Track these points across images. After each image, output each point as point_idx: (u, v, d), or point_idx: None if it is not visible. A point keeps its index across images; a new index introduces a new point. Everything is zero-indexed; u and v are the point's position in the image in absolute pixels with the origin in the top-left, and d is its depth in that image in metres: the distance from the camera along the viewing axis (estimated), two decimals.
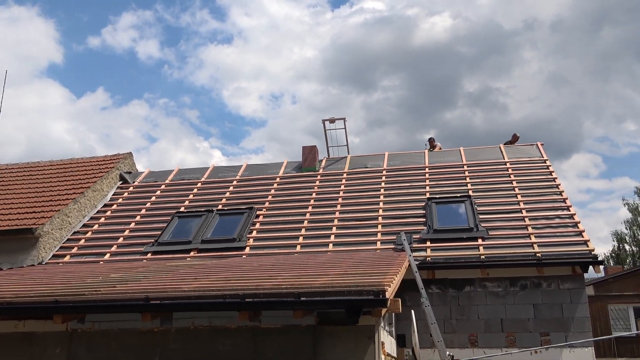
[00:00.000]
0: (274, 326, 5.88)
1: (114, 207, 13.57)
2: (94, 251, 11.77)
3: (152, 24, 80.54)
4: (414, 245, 10.12)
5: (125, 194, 14.16)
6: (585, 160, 67.60)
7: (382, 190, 12.62)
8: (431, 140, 16.14)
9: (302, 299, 5.28)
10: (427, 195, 11.97)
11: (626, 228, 37.83)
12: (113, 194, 14.23)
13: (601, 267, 9.65)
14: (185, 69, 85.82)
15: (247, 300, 5.35)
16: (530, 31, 67.44)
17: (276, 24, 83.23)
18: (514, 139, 15.02)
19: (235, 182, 14.07)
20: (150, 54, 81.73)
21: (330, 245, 10.78)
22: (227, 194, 13.48)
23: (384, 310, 5.52)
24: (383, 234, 10.85)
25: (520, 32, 67.45)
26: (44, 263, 11.40)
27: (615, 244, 37.79)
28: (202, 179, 14.46)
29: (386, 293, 5.18)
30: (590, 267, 9.54)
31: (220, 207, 12.84)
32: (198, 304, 5.49)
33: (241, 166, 14.98)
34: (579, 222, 10.21)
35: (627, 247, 37.46)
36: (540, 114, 64.88)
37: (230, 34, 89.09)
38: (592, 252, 9.31)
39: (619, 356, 20.70)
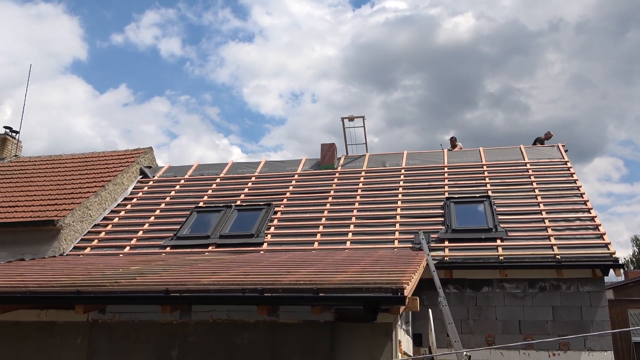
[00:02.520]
0: (292, 321, 5.91)
1: (134, 200, 13.72)
2: (114, 244, 11.92)
3: (174, 22, 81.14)
4: (431, 245, 10.09)
5: (145, 188, 14.31)
6: (606, 164, 66.78)
7: (400, 189, 12.59)
8: (452, 140, 16.01)
9: (320, 294, 5.29)
10: (446, 194, 11.92)
11: None
12: (133, 188, 14.38)
13: (621, 270, 9.50)
14: (207, 67, 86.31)
15: (265, 294, 5.38)
16: (555, 32, 66.52)
17: (297, 22, 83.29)
18: (547, 136, 14.77)
19: (253, 179, 14.13)
20: (172, 51, 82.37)
21: (348, 242, 10.79)
22: (246, 190, 13.55)
23: (402, 308, 5.51)
24: (401, 232, 10.83)
25: (545, 33, 66.58)
26: (65, 254, 11.58)
27: (636, 249, 37.19)
28: (221, 175, 14.55)
29: (405, 291, 5.17)
30: (611, 271, 9.44)
31: (238, 202, 12.92)
32: (217, 297, 5.53)
33: (260, 162, 15.04)
34: (600, 225, 10.09)
35: None
36: (563, 115, 64.14)
37: (252, 32, 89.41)
38: (613, 255, 9.20)
39: None
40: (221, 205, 12.81)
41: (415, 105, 72.34)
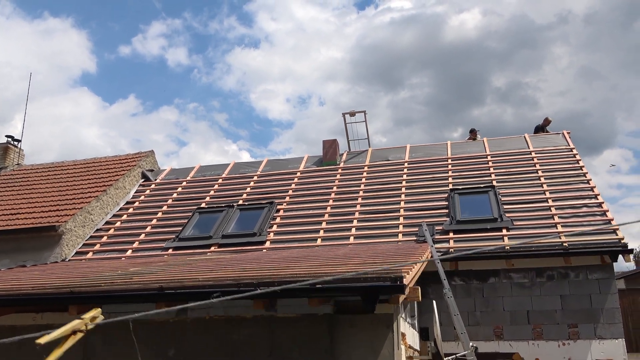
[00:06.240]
0: (290, 315, 5.75)
1: (136, 204, 13.64)
2: (116, 248, 11.83)
3: (180, 32, 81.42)
4: (436, 237, 9.92)
5: (147, 191, 14.23)
6: (616, 156, 65.90)
7: (404, 182, 12.42)
8: (473, 132, 15.46)
9: (317, 286, 5.14)
10: (450, 186, 11.74)
11: None
12: (135, 192, 14.30)
13: (632, 259, 9.26)
14: (214, 74, 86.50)
15: (261, 288, 5.23)
16: (563, 24, 65.84)
17: (302, 26, 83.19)
18: (546, 123, 14.53)
19: (255, 178, 14.02)
20: (179, 61, 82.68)
21: (352, 238, 10.64)
22: (248, 189, 13.43)
23: (402, 297, 5.34)
24: (405, 226, 10.66)
25: (553, 26, 65.96)
26: (67, 260, 11.49)
27: None
28: (223, 175, 14.44)
29: (404, 279, 5.01)
30: (621, 258, 9.21)
31: (240, 202, 12.80)
32: (212, 292, 5.38)
33: (262, 162, 14.92)
34: (608, 211, 9.87)
35: None
36: (572, 108, 63.42)
37: (257, 38, 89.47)
38: (622, 241, 8.97)
39: None
40: (223, 205, 12.70)
41: (422, 103, 72.11)
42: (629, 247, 8.81)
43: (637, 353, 18.89)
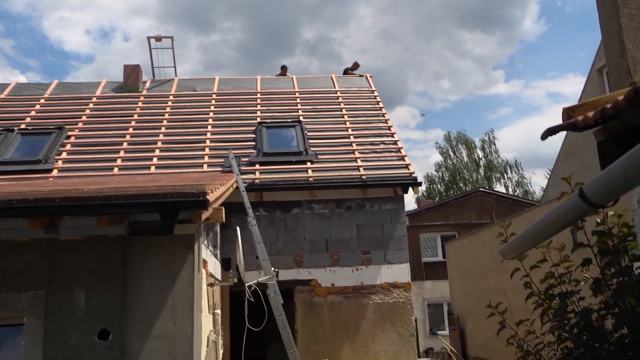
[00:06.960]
0: (75, 238, 5.08)
1: None
2: None
3: None
4: (243, 168, 9.75)
5: None
6: (405, 113, 72.17)
7: (211, 114, 11.94)
8: (284, 68, 15.20)
9: (109, 202, 4.58)
10: (258, 120, 11.58)
11: (435, 170, 41.71)
12: None
13: (419, 189, 10.06)
14: None
15: (40, 205, 4.50)
16: None
17: None
18: (355, 67, 15.01)
19: (42, 101, 12.35)
20: None
21: (153, 168, 9.97)
22: (33, 113, 11.79)
23: (205, 214, 5.03)
24: (211, 157, 10.29)
25: None
26: None
27: (427, 184, 41.35)
28: (1, 96, 12.47)
29: (207, 195, 4.69)
30: (410, 193, 9.99)
31: (23, 126, 11.19)
32: None
33: (51, 84, 13.19)
34: (402, 148, 10.60)
35: (436, 186, 41.30)
36: (372, 65, 67.62)
37: None
38: (412, 175, 9.72)
39: (427, 279, 22.95)
40: (1, 129, 10.98)
41: (233, 48, 70.91)
42: (417, 177, 9.61)
43: (414, 281, 21.35)
